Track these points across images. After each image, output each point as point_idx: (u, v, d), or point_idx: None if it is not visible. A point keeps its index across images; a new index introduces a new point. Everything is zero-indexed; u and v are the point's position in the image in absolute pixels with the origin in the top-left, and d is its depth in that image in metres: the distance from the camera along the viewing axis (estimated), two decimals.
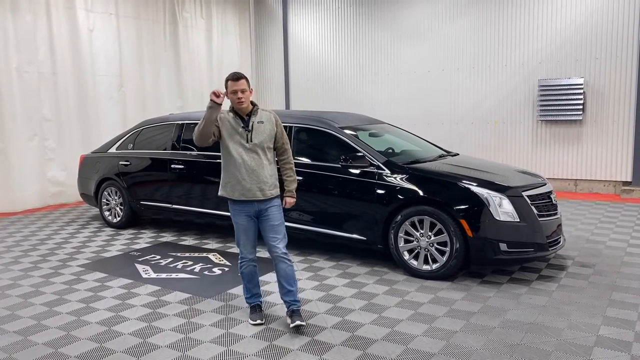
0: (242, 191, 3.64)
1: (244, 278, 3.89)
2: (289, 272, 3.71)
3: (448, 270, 4.61)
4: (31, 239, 6.58)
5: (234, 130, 3.63)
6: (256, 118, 3.67)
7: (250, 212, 3.70)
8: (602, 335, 3.54)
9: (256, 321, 3.80)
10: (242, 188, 3.63)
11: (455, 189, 4.68)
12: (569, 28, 8.97)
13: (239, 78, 3.58)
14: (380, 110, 10.61)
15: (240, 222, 3.73)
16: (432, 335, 3.59)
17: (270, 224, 3.71)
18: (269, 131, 3.69)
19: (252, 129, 3.63)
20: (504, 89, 9.65)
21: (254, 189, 3.63)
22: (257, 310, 3.89)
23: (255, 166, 3.63)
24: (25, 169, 8.39)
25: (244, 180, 3.62)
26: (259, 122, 3.67)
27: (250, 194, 3.63)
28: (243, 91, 3.58)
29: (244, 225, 3.73)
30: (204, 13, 11.39)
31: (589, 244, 5.83)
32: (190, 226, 6.96)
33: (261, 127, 3.66)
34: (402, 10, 10.55)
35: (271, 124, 3.72)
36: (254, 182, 3.63)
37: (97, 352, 3.44)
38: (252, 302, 3.93)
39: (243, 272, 3.86)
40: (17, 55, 8.16)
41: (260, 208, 3.69)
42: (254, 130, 3.63)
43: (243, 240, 3.76)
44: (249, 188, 3.63)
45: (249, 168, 3.62)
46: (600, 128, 8.91)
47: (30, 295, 4.53)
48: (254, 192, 3.63)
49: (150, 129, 6.89)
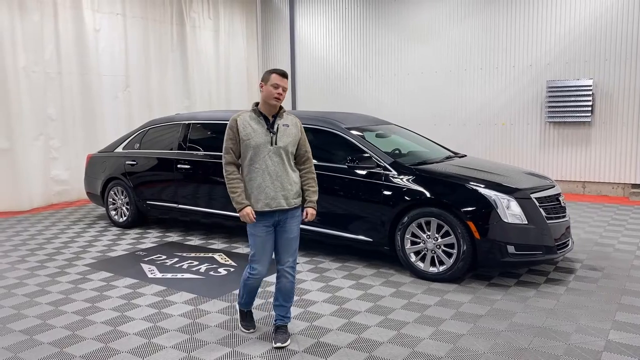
0: (265, 200, 3.34)
1: (245, 287, 3.60)
2: (288, 288, 3.50)
3: (455, 273, 4.57)
4: (38, 237, 6.60)
5: (257, 133, 3.36)
6: (282, 121, 3.45)
7: (269, 223, 3.40)
8: (611, 340, 3.50)
9: (249, 330, 3.69)
10: (266, 197, 3.34)
11: (463, 191, 4.64)
12: (578, 29, 8.90)
13: (286, 76, 3.45)
14: (387, 111, 10.58)
15: (258, 234, 3.39)
16: (439, 338, 3.55)
17: (286, 236, 3.44)
18: (294, 135, 3.46)
19: (277, 131, 3.40)
20: (512, 90, 9.59)
21: (279, 196, 3.36)
22: (249, 316, 3.76)
23: (280, 171, 3.37)
24: (32, 168, 8.42)
25: (267, 188, 3.34)
26: (284, 125, 3.44)
27: (275, 203, 3.35)
28: (284, 89, 3.41)
29: (262, 237, 3.39)
30: (211, 13, 11.40)
31: (598, 246, 5.77)
32: (196, 226, 6.95)
33: (287, 130, 3.43)
34: (410, 11, 10.51)
35: (296, 128, 3.50)
36: (279, 189, 3.36)
37: (102, 352, 3.44)
38: (246, 309, 3.75)
39: (247, 284, 3.56)
40: (25, 55, 8.20)
41: (280, 218, 3.42)
42: (279, 133, 3.39)
43: (259, 254, 3.42)
44: (273, 196, 3.35)
45: (273, 173, 3.35)
46: (609, 130, 8.83)
47: (36, 294, 4.54)
48: (278, 200, 3.36)
49: (156, 129, 6.89)
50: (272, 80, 3.39)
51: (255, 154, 3.35)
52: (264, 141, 3.35)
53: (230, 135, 3.41)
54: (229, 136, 3.41)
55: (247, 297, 3.67)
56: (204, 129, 6.48)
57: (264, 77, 3.45)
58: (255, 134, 3.36)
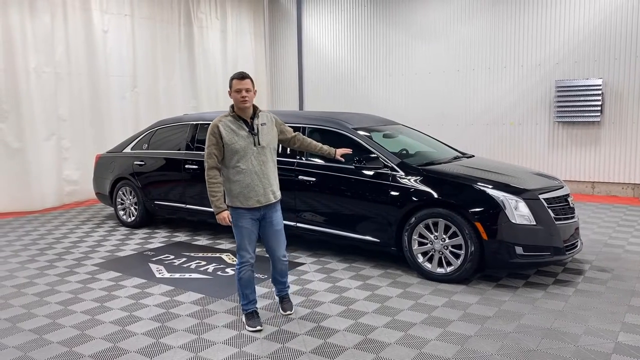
0: (256, 197, 3.61)
1: (241, 285, 3.76)
2: (284, 269, 3.96)
3: (462, 274, 4.56)
4: (47, 237, 6.66)
5: (239, 136, 3.57)
6: (259, 120, 3.66)
7: (255, 216, 3.69)
8: (620, 342, 3.47)
9: (255, 327, 3.72)
10: (256, 194, 3.60)
11: (471, 192, 4.62)
12: (587, 27, 8.83)
13: (244, 77, 3.57)
14: (394, 111, 10.55)
15: (245, 226, 3.66)
16: (446, 340, 3.54)
17: (274, 229, 3.77)
18: (273, 132, 3.75)
19: (257, 131, 3.61)
20: (520, 89, 9.54)
21: (268, 192, 3.65)
22: (254, 316, 3.80)
23: (265, 169, 3.64)
24: (43, 168, 8.48)
25: (257, 186, 3.59)
26: (262, 124, 3.66)
27: (265, 199, 3.64)
28: (247, 90, 3.55)
29: (248, 228, 3.67)
30: (218, 14, 11.43)
31: (607, 248, 5.73)
32: (203, 226, 6.98)
33: (265, 128, 3.67)
34: (417, 10, 10.48)
35: (272, 123, 3.76)
36: (267, 185, 3.64)
37: (110, 351, 3.46)
38: (249, 309, 3.81)
39: (242, 278, 3.74)
40: (36, 56, 8.27)
41: (265, 212, 3.70)
42: (260, 133, 3.62)
43: (246, 244, 3.69)
44: (262, 193, 3.62)
45: (260, 172, 3.61)
46: (619, 129, 8.76)
47: (45, 293, 4.58)
48: (267, 196, 3.65)
49: (164, 129, 6.93)
50: (234, 87, 3.57)
51: (242, 156, 3.56)
52: (247, 143, 3.57)
53: (213, 141, 3.58)
54: (212, 142, 3.58)
55: (247, 294, 3.79)
56: None
57: (229, 84, 3.63)
58: (238, 138, 3.55)
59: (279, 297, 4.09)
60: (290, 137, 3.95)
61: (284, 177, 5.51)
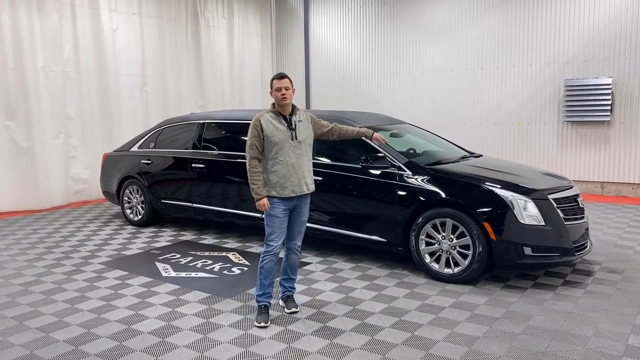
0: (292, 187, 3.84)
1: (262, 274, 3.90)
2: (296, 262, 4.11)
3: (470, 274, 4.52)
4: (54, 235, 6.68)
5: (279, 130, 3.83)
6: (297, 117, 3.94)
7: (289, 207, 3.90)
8: (631, 344, 3.42)
9: (261, 323, 3.78)
10: (292, 184, 3.84)
11: (479, 191, 4.58)
12: (597, 26, 8.74)
13: (283, 77, 3.87)
14: (401, 110, 10.51)
15: (278, 215, 3.86)
16: (454, 341, 3.51)
17: (301, 219, 4.00)
18: (309, 129, 4.00)
19: (295, 127, 3.88)
20: (529, 88, 9.46)
21: (302, 184, 3.89)
22: (264, 311, 3.88)
23: (301, 162, 3.88)
24: (51, 167, 8.52)
25: (292, 177, 3.83)
26: (299, 121, 3.94)
27: (299, 189, 3.87)
28: (287, 89, 3.84)
29: (280, 218, 3.87)
30: (225, 13, 11.43)
31: (617, 248, 5.66)
32: (210, 225, 6.98)
33: (302, 125, 3.95)
34: (425, 9, 10.42)
35: (308, 121, 4.03)
36: (301, 177, 3.88)
37: (116, 350, 3.46)
38: (263, 302, 3.91)
39: (263, 267, 3.88)
40: (44, 55, 8.30)
41: (297, 203, 3.93)
42: (297, 128, 3.89)
43: (277, 232, 3.87)
44: (297, 184, 3.86)
45: (295, 164, 3.85)
46: (629, 129, 8.66)
47: (52, 292, 4.59)
48: (301, 187, 3.88)
49: (171, 128, 6.93)
50: (274, 86, 3.86)
51: (280, 148, 3.81)
52: (285, 137, 3.83)
53: (254, 133, 3.83)
54: (254, 134, 3.83)
55: (265, 285, 3.90)
56: (219, 129, 6.49)
57: (270, 84, 3.92)
58: (277, 132, 3.82)
59: (284, 297, 4.14)
60: (327, 130, 4.17)
61: None
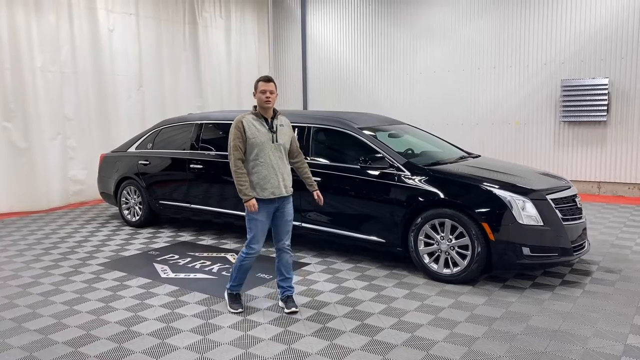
0: (271, 189, 3.89)
1: (240, 271, 4.06)
2: (290, 262, 4.13)
3: (469, 275, 4.53)
4: (52, 237, 6.66)
5: (260, 132, 3.88)
6: (278, 121, 4.01)
7: (271, 210, 3.96)
8: (630, 344, 3.44)
9: (238, 310, 4.06)
10: (272, 186, 3.89)
11: (478, 192, 4.59)
12: (594, 27, 8.78)
13: (270, 80, 3.94)
14: (399, 110, 10.52)
15: (260, 219, 3.92)
16: (454, 342, 3.52)
17: (285, 219, 4.04)
18: (289, 133, 4.08)
19: (276, 130, 3.95)
20: (526, 89, 9.49)
21: (281, 186, 3.93)
22: (238, 299, 4.18)
23: (280, 164, 3.95)
24: (49, 168, 8.48)
25: (272, 179, 3.89)
26: (280, 125, 4.01)
27: (278, 191, 3.92)
28: (271, 92, 3.90)
29: (262, 221, 3.94)
30: (223, 13, 11.41)
31: (614, 248, 5.68)
32: (208, 226, 6.97)
33: (283, 129, 4.02)
34: (422, 10, 10.44)
35: (289, 128, 4.11)
36: (280, 179, 3.93)
37: (116, 352, 3.45)
38: (235, 291, 4.17)
39: (242, 266, 4.04)
40: (41, 55, 8.27)
41: (279, 204, 3.98)
42: (278, 132, 3.96)
43: (259, 236, 3.96)
44: (277, 185, 3.91)
45: (275, 166, 3.91)
46: (625, 129, 8.70)
47: (50, 293, 4.57)
48: (280, 189, 3.93)
49: (169, 129, 6.92)
50: (260, 88, 3.91)
51: (261, 150, 3.87)
52: (267, 139, 3.89)
53: (237, 135, 3.88)
54: (236, 135, 3.88)
55: (240, 279, 4.12)
56: (217, 129, 6.48)
57: (254, 86, 3.96)
58: (259, 133, 3.88)
59: (284, 298, 4.14)
60: (295, 151, 4.19)
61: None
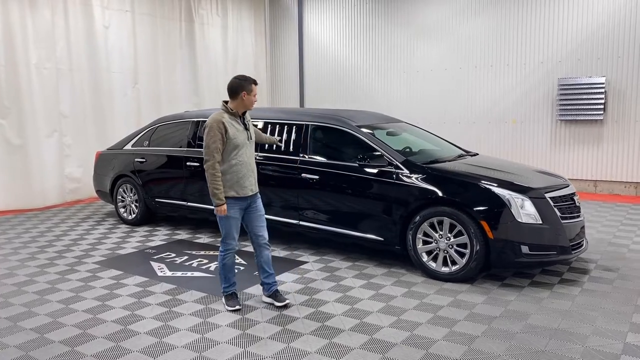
0: (250, 187, 3.96)
1: (225, 270, 4.07)
2: (269, 257, 4.16)
3: (468, 273, 4.52)
4: (47, 235, 6.61)
5: (239, 131, 3.92)
6: (248, 118, 4.09)
7: (243, 206, 3.99)
8: (629, 342, 3.43)
9: (235, 307, 4.04)
10: (250, 184, 3.96)
11: (476, 190, 4.58)
12: (591, 26, 8.78)
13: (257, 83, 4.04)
14: (396, 108, 10.50)
15: (234, 216, 3.95)
16: (453, 340, 3.50)
17: (258, 214, 4.08)
18: (253, 128, 4.21)
19: (248, 127, 4.03)
20: (523, 87, 9.49)
21: (254, 183, 4.02)
22: (234, 297, 4.14)
23: (252, 162, 4.03)
24: (45, 165, 8.41)
25: (250, 177, 3.96)
26: (249, 121, 4.10)
27: (255, 188, 4.03)
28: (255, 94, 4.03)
29: (236, 218, 3.98)
30: (219, 10, 11.36)
31: (612, 247, 5.69)
32: (204, 224, 6.93)
33: (251, 125, 4.14)
34: (419, 8, 10.42)
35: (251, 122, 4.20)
36: (254, 176, 4.02)
37: (113, 351, 3.42)
38: (230, 291, 4.14)
39: (226, 264, 4.05)
40: (36, 52, 8.20)
41: (250, 201, 4.02)
42: (250, 129, 4.04)
43: (233, 232, 4.00)
44: (253, 182, 4.00)
45: (249, 164, 3.98)
46: (622, 128, 8.72)
47: (46, 292, 4.53)
48: (254, 186, 4.03)
49: (166, 127, 6.87)
50: (253, 91, 3.94)
51: (240, 149, 3.90)
52: (244, 137, 3.93)
53: (218, 136, 3.80)
54: (217, 137, 3.80)
55: (229, 279, 4.10)
56: None
57: (245, 87, 3.89)
58: (238, 133, 3.90)
59: (270, 294, 4.16)
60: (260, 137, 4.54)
61: (287, 175, 5.48)
